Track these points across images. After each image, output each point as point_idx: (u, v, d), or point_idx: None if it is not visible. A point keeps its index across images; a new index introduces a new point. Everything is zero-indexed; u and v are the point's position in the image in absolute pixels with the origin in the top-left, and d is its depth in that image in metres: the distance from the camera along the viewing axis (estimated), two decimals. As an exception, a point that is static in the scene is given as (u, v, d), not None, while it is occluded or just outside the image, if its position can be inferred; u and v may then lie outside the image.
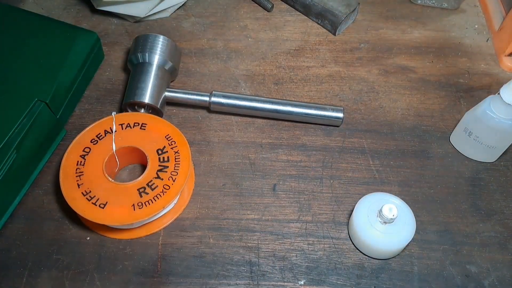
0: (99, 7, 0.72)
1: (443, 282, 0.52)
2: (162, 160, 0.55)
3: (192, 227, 0.56)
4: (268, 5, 0.77)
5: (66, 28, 0.66)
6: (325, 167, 0.61)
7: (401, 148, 0.63)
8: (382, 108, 0.67)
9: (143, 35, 0.64)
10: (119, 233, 0.54)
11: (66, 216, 0.56)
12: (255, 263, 0.53)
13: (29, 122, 0.55)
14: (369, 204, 0.52)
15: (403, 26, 0.77)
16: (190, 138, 0.63)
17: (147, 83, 0.61)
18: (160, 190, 0.52)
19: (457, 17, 0.78)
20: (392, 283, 0.52)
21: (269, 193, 0.58)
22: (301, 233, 0.55)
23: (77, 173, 0.53)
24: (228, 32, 0.75)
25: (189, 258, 0.53)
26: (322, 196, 0.58)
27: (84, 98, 0.66)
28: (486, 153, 0.60)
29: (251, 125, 0.65)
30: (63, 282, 0.51)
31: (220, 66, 0.71)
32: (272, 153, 0.62)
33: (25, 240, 0.54)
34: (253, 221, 0.56)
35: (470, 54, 0.73)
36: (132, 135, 0.57)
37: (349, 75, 0.70)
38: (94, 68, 0.69)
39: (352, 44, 0.74)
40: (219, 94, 0.63)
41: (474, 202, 0.58)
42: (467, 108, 0.66)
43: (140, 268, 0.52)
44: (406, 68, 0.71)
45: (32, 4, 0.78)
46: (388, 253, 0.52)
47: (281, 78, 0.70)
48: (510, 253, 0.54)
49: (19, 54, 0.61)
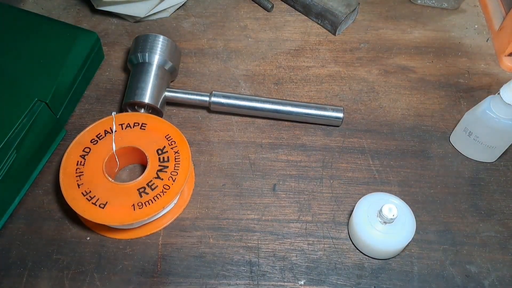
0: (99, 7, 0.72)
1: (443, 282, 0.52)
2: (162, 160, 0.55)
3: (192, 227, 0.56)
4: (268, 5, 0.77)
5: (66, 28, 0.66)
6: (325, 167, 0.61)
7: (401, 148, 0.63)
8: (382, 108, 0.67)
9: (143, 35, 0.64)
10: (119, 233, 0.54)
11: (66, 216, 0.56)
12: (255, 263, 0.53)
13: (29, 122, 0.55)
14: (369, 204, 0.52)
15: (403, 26, 0.77)
16: (190, 138, 0.63)
17: (147, 83, 0.61)
18: (160, 190, 0.52)
19: (457, 17, 0.78)
20: (392, 283, 0.52)
21: (269, 193, 0.58)
22: (301, 233, 0.55)
23: (77, 173, 0.53)
24: (228, 32, 0.75)
25: (189, 258, 0.53)
26: (322, 196, 0.58)
27: (84, 98, 0.66)
28: (486, 153, 0.60)
29: (251, 125, 0.65)
30: (63, 282, 0.51)
31: (220, 66, 0.71)
32: (272, 153, 0.62)
33: (25, 240, 0.54)
34: (253, 221, 0.56)
35: (470, 54, 0.73)
36: (132, 135, 0.57)
37: (349, 75, 0.70)
38: (94, 68, 0.69)
39: (352, 44, 0.74)
40: (219, 94, 0.63)
41: (474, 202, 0.58)
42: (467, 108, 0.66)
43: (140, 268, 0.52)
44: (406, 68, 0.71)
45: (32, 4, 0.78)
46: (388, 253, 0.52)
47: (281, 78, 0.70)
48: (510, 253, 0.54)
49: (19, 54, 0.61)
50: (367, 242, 0.51)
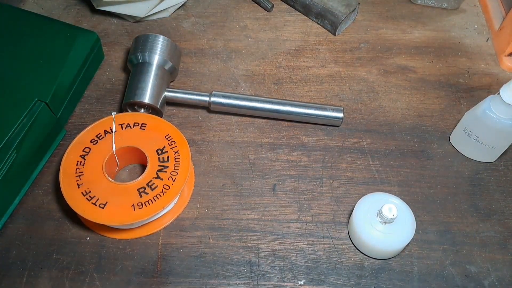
0: (99, 7, 0.72)
1: (443, 282, 0.52)
2: (162, 160, 0.55)
3: (192, 227, 0.56)
4: (268, 5, 0.77)
5: (66, 28, 0.66)
6: (325, 167, 0.61)
7: (401, 148, 0.63)
8: (382, 108, 0.67)
9: (143, 35, 0.64)
10: (119, 233, 0.54)
11: (66, 216, 0.56)
12: (255, 263, 0.53)
13: (29, 122, 0.55)
14: (369, 204, 0.52)
15: (403, 26, 0.77)
16: (190, 138, 0.63)
17: (147, 83, 0.61)
18: (160, 190, 0.52)
19: (457, 17, 0.78)
20: (392, 283, 0.52)
21: (269, 193, 0.58)
22: (301, 233, 0.55)
23: (77, 173, 0.53)
24: (228, 32, 0.75)
25: (189, 258, 0.53)
26: (322, 196, 0.58)
27: (84, 98, 0.66)
28: (486, 153, 0.60)
29: (251, 125, 0.65)
30: (63, 282, 0.51)
31: (220, 66, 0.71)
32: (272, 153, 0.62)
33: (25, 240, 0.54)
34: (253, 221, 0.56)
35: (470, 54, 0.73)
36: (132, 135, 0.57)
37: (349, 75, 0.70)
38: (94, 68, 0.69)
39: (352, 44, 0.74)
40: (219, 94, 0.63)
41: (474, 202, 0.58)
42: (467, 108, 0.66)
43: (140, 268, 0.52)
44: (406, 68, 0.71)
45: (32, 4, 0.78)
46: (388, 253, 0.52)
47: (281, 78, 0.70)
48: (510, 253, 0.54)
49: (19, 54, 0.61)
50: (367, 242, 0.51)
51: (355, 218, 0.52)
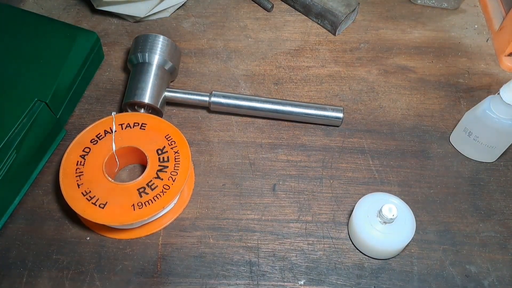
0: (99, 7, 0.72)
1: (443, 282, 0.52)
2: (162, 160, 0.55)
3: (192, 227, 0.56)
4: (268, 5, 0.77)
5: (66, 28, 0.66)
6: (325, 167, 0.61)
7: (401, 148, 0.63)
8: (382, 108, 0.67)
9: (143, 35, 0.64)
10: (119, 233, 0.54)
11: (66, 216, 0.56)
12: (255, 263, 0.53)
13: (29, 122, 0.55)
14: (369, 204, 0.52)
15: (403, 26, 0.77)
16: (190, 138, 0.63)
17: (147, 83, 0.61)
18: (160, 190, 0.52)
19: (457, 17, 0.78)
20: (392, 283, 0.52)
21: (269, 193, 0.58)
22: (301, 233, 0.55)
23: (77, 173, 0.53)
24: (228, 32, 0.75)
25: (189, 258, 0.53)
26: (322, 196, 0.58)
27: (84, 98, 0.66)
28: (486, 153, 0.60)
29: (251, 125, 0.65)
30: (63, 282, 0.51)
31: (220, 66, 0.71)
32: (272, 153, 0.62)
33: (25, 240, 0.54)
34: (253, 221, 0.56)
35: (470, 54, 0.73)
36: (132, 135, 0.57)
37: (349, 75, 0.70)
38: (94, 68, 0.69)
39: (352, 44, 0.74)
40: (219, 94, 0.63)
41: (474, 202, 0.58)
42: (467, 108, 0.66)
43: (140, 268, 0.52)
44: (406, 68, 0.71)
45: (32, 4, 0.78)
46: (388, 253, 0.52)
47: (281, 78, 0.70)
48: (510, 253, 0.54)
49: (19, 54, 0.61)
50: (367, 242, 0.51)
51: (355, 218, 0.52)
